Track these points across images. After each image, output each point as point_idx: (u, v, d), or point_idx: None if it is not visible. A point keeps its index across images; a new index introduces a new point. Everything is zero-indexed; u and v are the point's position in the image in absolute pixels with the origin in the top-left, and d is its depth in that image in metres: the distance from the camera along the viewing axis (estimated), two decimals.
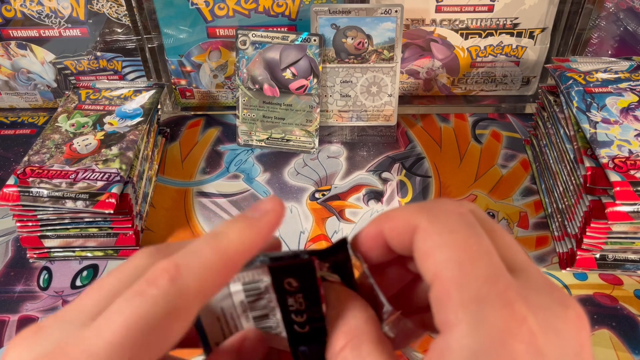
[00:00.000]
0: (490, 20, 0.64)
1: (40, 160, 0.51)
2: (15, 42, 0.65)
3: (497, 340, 0.16)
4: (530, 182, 0.60)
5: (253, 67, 0.62)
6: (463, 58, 0.67)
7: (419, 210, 0.20)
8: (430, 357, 0.18)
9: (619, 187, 0.43)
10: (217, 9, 0.62)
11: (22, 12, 0.63)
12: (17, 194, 0.48)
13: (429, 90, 0.71)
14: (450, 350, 0.17)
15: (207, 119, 0.69)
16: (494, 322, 0.17)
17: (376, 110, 0.66)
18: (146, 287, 0.18)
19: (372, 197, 0.59)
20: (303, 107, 0.63)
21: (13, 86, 0.69)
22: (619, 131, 0.48)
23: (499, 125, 0.67)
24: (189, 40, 0.65)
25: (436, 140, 0.65)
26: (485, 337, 0.17)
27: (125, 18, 0.63)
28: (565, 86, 0.52)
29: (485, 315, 0.17)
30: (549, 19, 0.63)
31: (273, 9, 0.62)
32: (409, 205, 0.21)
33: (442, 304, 0.18)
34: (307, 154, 0.64)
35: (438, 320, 0.18)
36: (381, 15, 0.60)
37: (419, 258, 0.20)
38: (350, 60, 0.63)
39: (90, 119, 0.57)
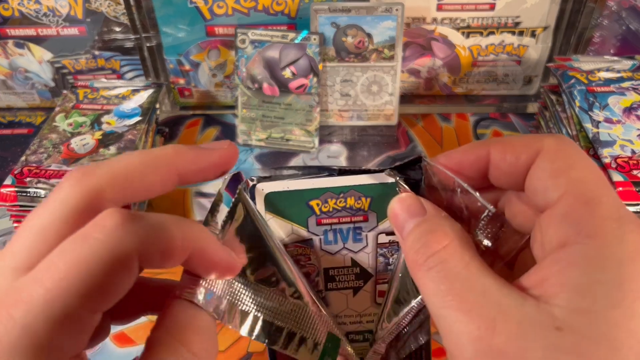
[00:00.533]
0: (492, 19, 0.63)
1: (38, 160, 0.51)
2: (13, 41, 0.65)
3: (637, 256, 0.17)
4: None
5: (252, 66, 0.62)
6: (464, 57, 0.66)
7: (539, 136, 0.20)
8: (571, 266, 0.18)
9: (622, 187, 0.43)
10: (216, 7, 0.62)
11: (19, 11, 0.62)
12: (15, 194, 0.48)
13: (430, 90, 0.70)
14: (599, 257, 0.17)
15: (206, 119, 0.69)
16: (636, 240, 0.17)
17: (377, 109, 0.66)
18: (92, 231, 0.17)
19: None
20: (303, 107, 0.63)
21: (10, 85, 0.68)
22: (621, 131, 0.47)
23: (501, 125, 0.67)
24: (187, 39, 0.64)
25: (437, 140, 0.65)
26: (629, 251, 0.17)
27: (124, 17, 0.62)
28: (568, 85, 0.52)
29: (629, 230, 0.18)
30: (550, 18, 0.63)
31: (272, 7, 0.62)
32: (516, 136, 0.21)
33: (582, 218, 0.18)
34: (307, 154, 0.64)
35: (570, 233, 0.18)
36: (382, 13, 0.60)
37: (546, 177, 0.20)
38: (350, 59, 0.62)
39: (88, 119, 0.57)
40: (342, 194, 0.24)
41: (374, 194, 0.24)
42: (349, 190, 0.24)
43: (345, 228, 0.24)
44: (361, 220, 0.24)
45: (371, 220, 0.24)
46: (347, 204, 0.24)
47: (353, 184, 0.24)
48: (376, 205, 0.24)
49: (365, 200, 0.24)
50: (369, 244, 0.24)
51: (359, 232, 0.24)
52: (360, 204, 0.24)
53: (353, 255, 0.25)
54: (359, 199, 0.24)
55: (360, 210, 0.24)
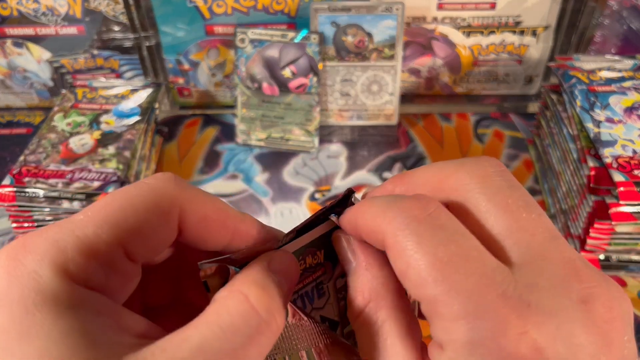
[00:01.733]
0: (493, 18, 0.63)
1: (37, 160, 0.51)
2: (12, 41, 0.64)
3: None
4: (534, 182, 0.59)
5: (252, 66, 0.62)
6: (465, 56, 0.66)
7: (384, 211, 0.18)
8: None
9: (623, 187, 0.43)
10: (216, 6, 0.62)
11: (18, 10, 0.62)
12: (13, 194, 0.48)
13: (431, 89, 0.70)
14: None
15: (205, 118, 0.69)
16: (488, 345, 0.15)
17: (377, 109, 0.65)
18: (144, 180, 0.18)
19: None
20: (303, 106, 0.62)
21: (9, 85, 0.68)
22: (622, 130, 0.47)
23: (501, 125, 0.66)
24: (186, 39, 0.64)
25: (437, 140, 0.65)
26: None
27: (123, 16, 0.62)
28: (569, 85, 0.52)
29: (478, 336, 0.15)
30: (551, 17, 0.63)
31: (272, 6, 0.62)
32: (376, 201, 0.19)
33: (431, 320, 0.17)
34: (307, 154, 0.63)
35: (432, 333, 0.17)
36: (382, 13, 0.60)
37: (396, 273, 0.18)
38: (350, 59, 0.62)
39: (87, 118, 0.56)
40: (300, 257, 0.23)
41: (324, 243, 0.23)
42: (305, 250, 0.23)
43: (309, 289, 0.23)
44: (320, 275, 0.23)
45: (327, 271, 0.23)
46: (307, 264, 0.23)
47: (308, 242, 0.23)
48: (328, 254, 0.23)
49: (320, 253, 0.23)
50: (330, 294, 0.24)
51: (321, 287, 0.23)
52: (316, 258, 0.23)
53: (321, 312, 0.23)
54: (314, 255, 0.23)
55: (318, 264, 0.23)
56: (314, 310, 0.23)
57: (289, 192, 0.59)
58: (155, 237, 0.18)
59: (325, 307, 0.23)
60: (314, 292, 0.23)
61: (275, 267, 0.19)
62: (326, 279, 0.23)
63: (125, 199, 0.17)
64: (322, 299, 0.23)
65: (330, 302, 0.23)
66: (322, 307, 0.23)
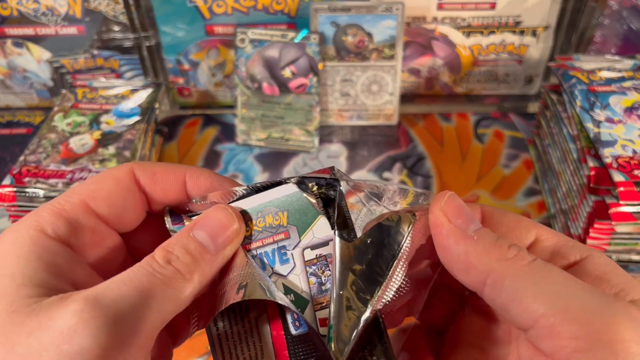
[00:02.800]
0: (493, 18, 0.63)
1: (37, 160, 0.51)
2: (11, 41, 0.64)
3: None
4: (533, 182, 0.59)
5: (252, 66, 0.62)
6: (465, 56, 0.66)
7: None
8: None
9: (623, 187, 0.43)
10: (216, 6, 0.62)
11: (18, 10, 0.62)
12: (13, 194, 0.48)
13: (431, 89, 0.70)
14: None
15: (205, 118, 0.69)
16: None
17: (377, 109, 0.65)
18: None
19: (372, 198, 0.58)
20: (303, 106, 0.62)
21: (9, 85, 0.68)
22: (622, 130, 0.47)
23: (502, 125, 0.66)
24: (186, 39, 0.64)
25: (437, 140, 0.65)
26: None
27: (123, 16, 0.62)
28: (569, 85, 0.52)
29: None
30: (551, 17, 0.63)
31: (272, 6, 0.62)
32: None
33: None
34: (307, 154, 0.63)
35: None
36: (382, 12, 0.60)
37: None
38: (350, 59, 0.62)
39: (87, 118, 0.56)
40: (259, 214, 0.23)
41: (289, 206, 0.23)
42: (265, 207, 0.23)
43: (269, 250, 0.23)
44: (283, 238, 0.23)
45: (293, 236, 0.23)
46: (266, 224, 0.23)
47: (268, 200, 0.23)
48: (294, 218, 0.23)
49: (282, 215, 0.23)
50: (296, 264, 0.23)
51: (284, 252, 0.23)
52: (278, 220, 0.23)
53: (283, 280, 0.23)
54: (276, 215, 0.23)
55: (280, 226, 0.23)
56: (275, 274, 0.23)
57: None
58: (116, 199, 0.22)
59: (288, 277, 0.23)
60: (275, 255, 0.23)
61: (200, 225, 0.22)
62: (290, 245, 0.23)
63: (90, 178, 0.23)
64: (285, 265, 0.23)
65: (295, 274, 0.23)
66: (285, 275, 0.23)
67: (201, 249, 0.21)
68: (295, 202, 0.23)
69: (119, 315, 0.18)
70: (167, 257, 0.20)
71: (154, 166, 0.24)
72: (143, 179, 0.23)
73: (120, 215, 0.23)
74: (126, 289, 0.19)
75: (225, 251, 0.22)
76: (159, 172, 0.23)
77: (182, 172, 0.24)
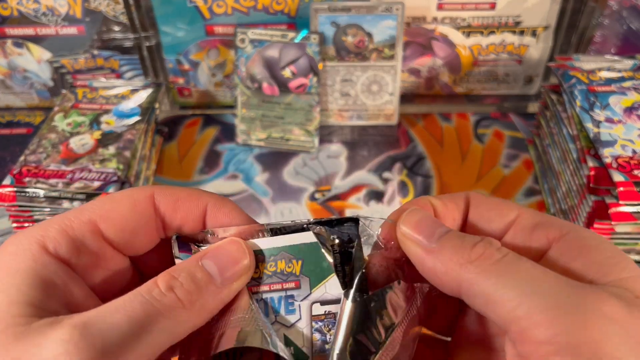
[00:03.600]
0: (492, 18, 0.63)
1: (37, 160, 0.51)
2: (12, 41, 0.64)
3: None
4: (533, 182, 0.59)
5: (252, 66, 0.62)
6: (465, 56, 0.66)
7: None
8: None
9: (623, 187, 0.43)
10: (216, 6, 0.62)
11: (18, 10, 0.62)
12: (14, 194, 0.48)
13: (431, 89, 0.70)
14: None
15: (205, 118, 0.69)
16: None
17: (377, 109, 0.65)
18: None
19: (372, 198, 0.58)
20: (303, 106, 0.63)
21: (9, 85, 0.68)
22: (622, 130, 0.47)
23: (501, 125, 0.66)
24: (187, 39, 0.64)
25: (437, 140, 0.65)
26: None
27: (123, 16, 0.62)
28: (568, 85, 0.52)
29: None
30: (551, 17, 0.63)
31: (272, 6, 0.62)
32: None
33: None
34: (307, 154, 0.63)
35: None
36: (382, 13, 0.60)
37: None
38: (350, 59, 0.62)
39: (87, 118, 0.56)
40: (272, 257, 0.22)
41: (305, 255, 0.22)
42: (279, 252, 0.22)
43: (276, 297, 0.22)
44: (293, 287, 0.22)
45: (304, 287, 0.22)
46: (277, 269, 0.22)
47: (283, 245, 0.22)
48: (308, 269, 0.22)
49: (296, 264, 0.22)
50: (302, 316, 0.22)
51: (291, 302, 0.22)
52: (291, 267, 0.22)
53: (285, 331, 0.21)
54: (289, 262, 0.22)
55: (292, 274, 0.22)
56: (278, 323, 0.22)
57: (289, 192, 0.59)
58: (128, 223, 0.22)
59: (292, 328, 0.22)
60: (282, 303, 0.22)
61: (211, 255, 0.21)
62: (299, 296, 0.22)
63: (109, 196, 0.22)
64: (290, 315, 0.22)
65: (300, 326, 0.22)
66: (288, 326, 0.22)
67: (208, 279, 0.20)
68: (312, 253, 0.22)
69: (107, 347, 0.17)
70: (170, 284, 0.20)
71: (177, 192, 0.23)
72: (164, 205, 0.22)
73: (130, 240, 0.22)
74: (119, 317, 0.18)
75: (232, 286, 0.21)
76: (180, 199, 0.22)
77: (205, 201, 0.23)
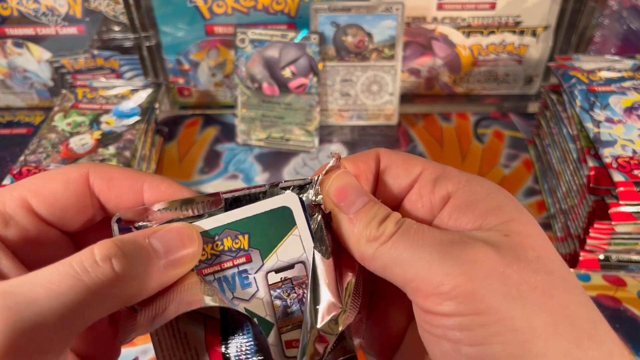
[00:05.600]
0: (493, 18, 0.63)
1: (37, 160, 0.51)
2: (12, 41, 0.64)
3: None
4: (533, 182, 0.59)
5: (252, 66, 0.62)
6: (465, 56, 0.66)
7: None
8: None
9: (623, 187, 0.43)
10: (216, 6, 0.62)
11: (18, 11, 0.62)
12: None
13: (431, 89, 0.70)
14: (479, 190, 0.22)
15: (205, 118, 0.69)
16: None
17: (377, 109, 0.65)
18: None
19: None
20: (303, 106, 0.63)
21: (9, 85, 0.68)
22: (622, 130, 0.47)
23: (501, 125, 0.66)
24: (187, 39, 0.64)
25: (437, 140, 0.65)
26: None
27: (123, 16, 0.62)
28: (568, 85, 0.52)
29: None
30: (551, 17, 0.63)
31: (272, 6, 0.62)
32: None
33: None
34: (307, 154, 0.63)
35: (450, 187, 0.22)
36: (382, 12, 0.60)
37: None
38: (350, 59, 0.62)
39: (87, 118, 0.56)
40: (216, 237, 0.22)
41: (250, 229, 0.22)
42: (223, 230, 0.22)
43: (229, 274, 0.22)
44: (244, 262, 0.22)
45: (255, 259, 0.22)
46: (224, 247, 0.22)
47: (226, 222, 0.22)
48: (256, 241, 0.22)
49: (243, 238, 0.22)
50: (259, 287, 0.22)
51: (246, 276, 0.22)
52: (238, 243, 0.22)
53: (246, 304, 0.22)
54: (236, 238, 0.22)
55: (241, 250, 0.22)
56: (236, 299, 0.22)
57: None
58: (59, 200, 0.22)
59: (251, 301, 0.22)
60: (236, 280, 0.22)
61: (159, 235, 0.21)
62: (252, 268, 0.22)
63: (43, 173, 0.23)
64: (247, 289, 0.22)
65: (258, 296, 0.22)
66: (247, 300, 0.22)
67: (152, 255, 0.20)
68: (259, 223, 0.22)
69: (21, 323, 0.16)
70: (109, 252, 0.19)
71: (111, 171, 0.23)
72: (98, 183, 0.23)
73: (62, 216, 0.22)
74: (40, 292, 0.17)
75: (174, 271, 0.21)
76: (115, 177, 0.23)
77: (141, 180, 0.23)
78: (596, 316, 0.19)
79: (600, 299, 0.48)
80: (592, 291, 0.49)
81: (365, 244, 0.21)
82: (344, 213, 0.21)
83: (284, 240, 0.22)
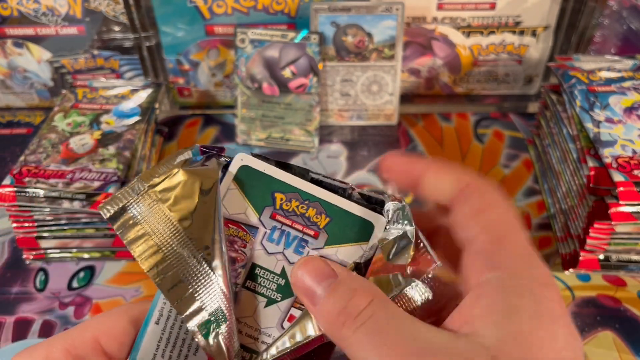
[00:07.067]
0: (492, 18, 0.63)
1: (37, 160, 0.51)
2: (12, 41, 0.64)
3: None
4: (533, 182, 0.59)
5: (252, 66, 0.62)
6: (465, 56, 0.66)
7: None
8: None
9: (623, 187, 0.43)
10: (216, 6, 0.62)
11: (18, 11, 0.62)
12: (13, 194, 0.48)
13: (430, 89, 0.70)
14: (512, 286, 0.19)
15: (205, 118, 0.69)
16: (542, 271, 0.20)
17: (377, 109, 0.65)
18: None
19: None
20: (303, 106, 0.63)
21: (9, 85, 0.68)
22: (622, 130, 0.47)
23: (501, 125, 0.66)
24: (187, 39, 0.64)
25: (437, 140, 0.65)
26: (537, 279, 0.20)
27: (123, 16, 0.62)
28: (568, 85, 0.52)
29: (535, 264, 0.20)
30: (551, 17, 0.63)
31: (272, 6, 0.62)
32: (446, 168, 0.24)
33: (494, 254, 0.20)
34: (307, 154, 0.63)
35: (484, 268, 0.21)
36: (382, 12, 0.60)
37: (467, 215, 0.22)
38: (350, 59, 0.62)
39: (87, 118, 0.56)
40: (307, 201, 0.23)
41: (334, 216, 0.23)
42: (316, 201, 0.23)
43: (293, 234, 0.23)
44: (311, 235, 0.23)
45: (319, 240, 0.23)
46: (307, 213, 0.23)
47: (322, 197, 0.23)
48: (332, 229, 0.23)
49: (324, 218, 0.23)
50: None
51: (303, 246, 0.23)
52: (318, 219, 0.23)
53: (286, 264, 0.23)
54: (319, 214, 0.23)
55: (315, 225, 0.23)
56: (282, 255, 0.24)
57: None
58: (128, 338, 0.23)
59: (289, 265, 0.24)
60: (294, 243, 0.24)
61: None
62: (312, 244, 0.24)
63: (108, 312, 0.24)
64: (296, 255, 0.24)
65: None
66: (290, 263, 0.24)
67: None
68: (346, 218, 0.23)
69: None
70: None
71: None
72: None
73: (128, 352, 0.23)
74: None
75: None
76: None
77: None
78: None
79: (600, 299, 0.48)
80: (592, 291, 0.49)
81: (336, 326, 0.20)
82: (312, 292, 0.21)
83: (351, 244, 0.23)
